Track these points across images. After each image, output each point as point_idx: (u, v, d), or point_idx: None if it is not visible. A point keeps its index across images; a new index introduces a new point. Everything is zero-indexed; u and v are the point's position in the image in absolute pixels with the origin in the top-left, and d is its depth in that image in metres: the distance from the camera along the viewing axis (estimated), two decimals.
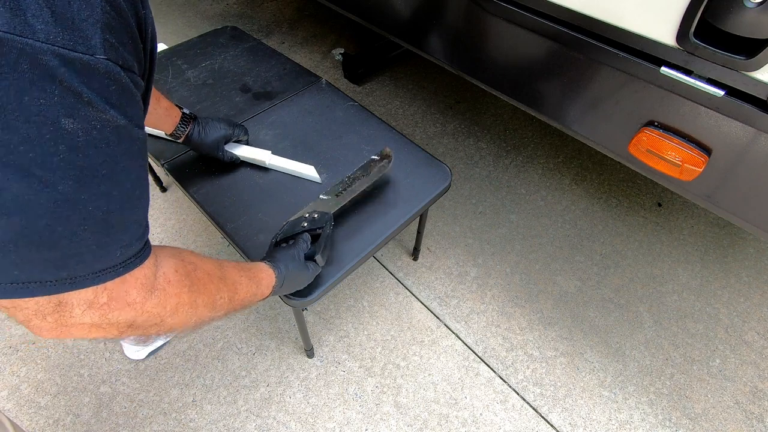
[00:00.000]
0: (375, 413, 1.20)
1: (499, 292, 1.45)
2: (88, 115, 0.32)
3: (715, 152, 0.74)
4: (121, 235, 0.40)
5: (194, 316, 0.53)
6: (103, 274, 0.40)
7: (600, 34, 0.77)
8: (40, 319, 0.39)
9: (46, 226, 0.33)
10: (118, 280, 0.41)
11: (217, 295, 0.57)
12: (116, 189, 0.37)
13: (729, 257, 1.55)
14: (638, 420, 1.21)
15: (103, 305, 0.41)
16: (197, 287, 0.53)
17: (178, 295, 0.50)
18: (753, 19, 0.59)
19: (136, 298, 0.44)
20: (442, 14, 1.04)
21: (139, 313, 0.45)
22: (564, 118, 0.94)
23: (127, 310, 0.43)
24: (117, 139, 0.35)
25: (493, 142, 1.88)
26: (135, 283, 0.43)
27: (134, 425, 1.18)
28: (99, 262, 0.39)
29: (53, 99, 0.30)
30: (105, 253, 0.39)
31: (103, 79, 0.33)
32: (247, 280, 0.66)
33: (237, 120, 1.21)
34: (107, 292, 0.41)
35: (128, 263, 0.42)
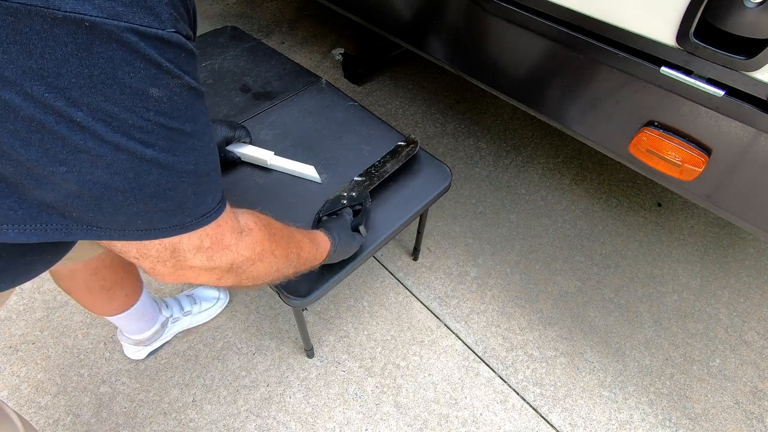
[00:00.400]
0: (375, 413, 1.20)
1: (499, 292, 1.45)
2: (169, 82, 0.37)
3: (715, 152, 0.74)
4: (210, 183, 0.45)
5: (275, 265, 0.60)
6: (204, 219, 0.46)
7: (600, 34, 0.77)
8: (161, 264, 0.46)
9: (154, 180, 0.39)
10: (214, 224, 0.47)
11: (289, 249, 0.63)
12: (200, 142, 0.42)
13: (729, 257, 1.55)
14: (638, 420, 1.21)
15: (207, 248, 0.48)
16: (275, 238, 0.59)
17: (262, 241, 0.56)
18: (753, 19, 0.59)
19: (231, 241, 0.51)
20: (442, 14, 1.04)
21: (235, 254, 0.51)
22: (564, 118, 0.94)
23: (226, 252, 0.50)
24: (193, 100, 0.40)
25: (493, 142, 1.88)
26: (227, 227, 0.50)
27: (134, 425, 1.18)
28: (199, 207, 0.45)
29: (140, 72, 0.34)
30: (202, 200, 0.45)
31: (175, 49, 0.37)
32: (309, 242, 0.71)
33: (237, 120, 1.21)
34: (209, 237, 0.48)
35: (218, 208, 0.48)
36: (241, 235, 0.53)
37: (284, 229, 0.65)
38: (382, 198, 1.06)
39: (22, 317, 1.36)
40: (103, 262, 0.96)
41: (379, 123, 1.22)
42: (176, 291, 1.42)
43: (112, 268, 0.98)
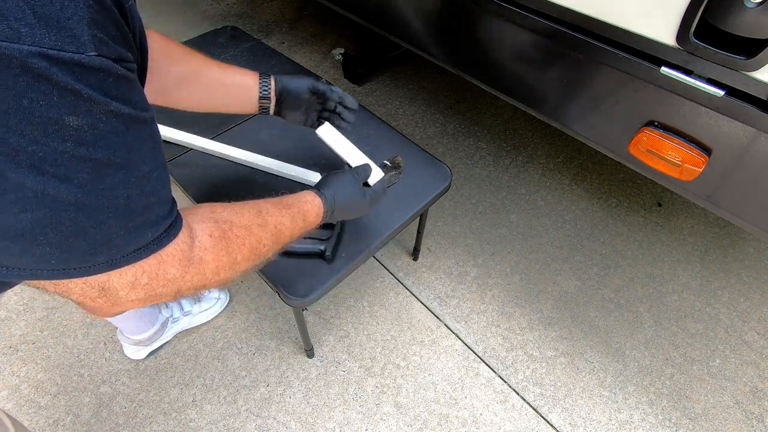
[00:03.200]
0: (375, 413, 1.20)
1: (499, 292, 1.45)
2: (91, 109, 0.33)
3: (715, 152, 0.74)
4: (147, 215, 0.41)
5: (237, 271, 0.55)
6: (136, 254, 0.41)
7: (600, 34, 0.77)
8: (91, 301, 0.42)
9: (71, 218, 0.35)
10: (154, 260, 0.43)
11: (258, 245, 0.58)
12: (133, 174, 0.38)
13: (729, 257, 1.55)
14: (638, 420, 1.21)
15: (145, 285, 0.43)
16: (235, 246, 0.54)
17: (216, 259, 0.51)
18: (753, 19, 0.59)
19: (176, 274, 0.46)
20: (442, 14, 1.04)
21: (181, 284, 0.47)
22: (564, 118, 0.94)
23: (169, 285, 0.46)
24: (125, 127, 0.36)
25: (493, 142, 1.88)
26: (172, 261, 0.45)
27: (134, 425, 1.18)
28: (131, 243, 0.40)
29: (53, 99, 0.31)
30: (135, 235, 0.40)
31: (99, 74, 0.33)
32: (290, 219, 0.65)
33: (237, 120, 1.21)
34: (146, 273, 0.43)
35: (160, 240, 0.43)
36: (189, 265, 0.47)
37: (253, 221, 0.59)
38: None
39: (22, 317, 1.36)
40: None
41: (379, 123, 1.22)
42: None
43: None
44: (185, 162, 1.11)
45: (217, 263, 0.51)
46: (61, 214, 0.35)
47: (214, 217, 0.54)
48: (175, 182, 1.08)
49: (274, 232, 0.62)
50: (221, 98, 0.84)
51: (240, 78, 0.83)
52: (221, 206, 0.57)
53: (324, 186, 0.75)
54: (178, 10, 2.56)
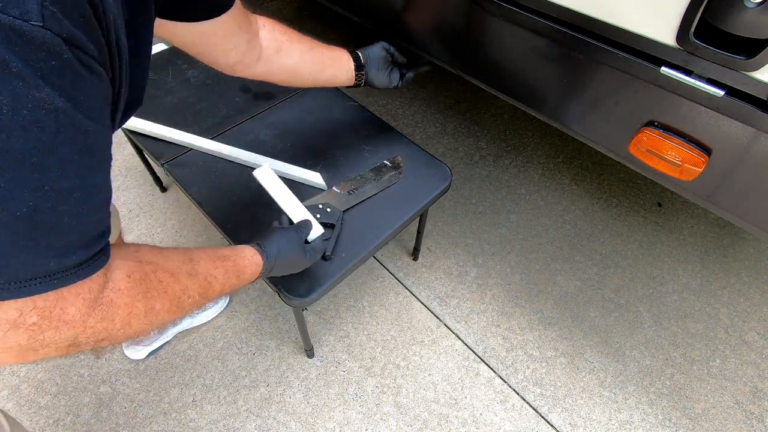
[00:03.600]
0: (375, 413, 1.20)
1: (499, 292, 1.45)
2: (17, 90, 0.28)
3: (715, 152, 0.74)
4: (54, 240, 0.33)
5: (153, 322, 0.47)
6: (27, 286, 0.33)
7: (600, 34, 0.76)
8: None
9: None
10: (52, 296, 0.35)
11: (183, 295, 0.51)
12: (48, 184, 0.31)
13: (729, 257, 1.55)
14: (638, 420, 1.21)
15: (31, 325, 0.34)
16: (155, 292, 0.47)
17: (130, 305, 0.43)
18: (753, 19, 0.59)
19: (75, 316, 0.37)
20: (442, 14, 1.04)
21: (80, 331, 0.38)
22: (564, 118, 0.94)
23: (64, 329, 0.37)
24: (54, 125, 0.30)
25: (493, 142, 1.88)
26: (74, 299, 0.37)
27: (134, 425, 1.18)
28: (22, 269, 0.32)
29: None
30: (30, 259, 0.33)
31: (39, 51, 0.28)
32: (223, 272, 0.60)
33: (237, 120, 1.21)
34: (36, 311, 0.34)
35: (66, 275, 0.35)
36: (95, 307, 0.39)
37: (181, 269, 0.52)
38: (382, 198, 1.06)
39: None
40: None
41: (379, 123, 1.22)
42: None
43: None
44: (185, 162, 1.11)
45: (130, 309, 0.43)
46: None
47: (138, 256, 0.47)
48: (176, 182, 1.08)
49: (202, 283, 0.55)
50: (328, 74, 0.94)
51: (339, 54, 0.95)
52: (149, 247, 0.51)
53: (266, 243, 0.72)
54: None
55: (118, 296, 0.42)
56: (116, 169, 1.76)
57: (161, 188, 1.67)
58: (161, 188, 1.67)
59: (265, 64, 0.83)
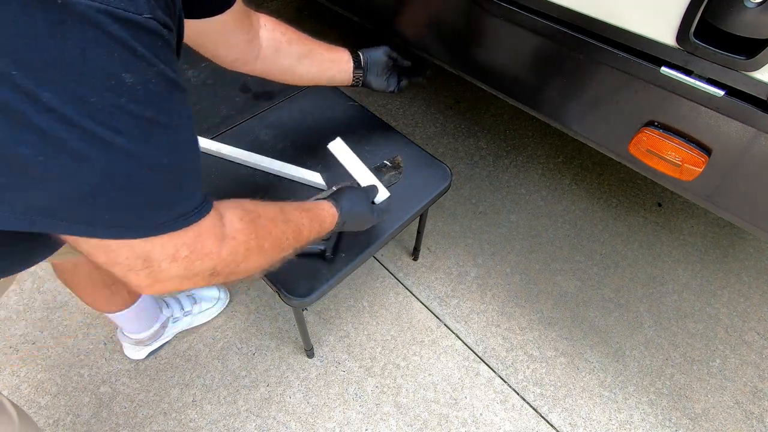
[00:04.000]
0: (375, 413, 1.20)
1: (499, 292, 1.45)
2: (143, 69, 0.35)
3: (715, 152, 0.74)
4: (186, 182, 0.43)
5: (265, 258, 0.58)
6: (178, 222, 0.43)
7: (600, 34, 0.76)
8: (134, 274, 0.44)
9: (121, 172, 0.37)
10: (193, 232, 0.45)
11: (282, 237, 0.62)
12: (177, 138, 0.40)
13: (729, 257, 1.55)
14: (638, 420, 1.21)
15: (185, 257, 0.45)
16: (263, 233, 0.57)
17: (247, 242, 0.53)
18: (753, 19, 0.59)
19: (212, 248, 0.48)
20: (442, 14, 1.04)
21: (216, 261, 0.49)
22: (564, 118, 0.94)
23: (206, 260, 0.48)
24: (170, 91, 0.38)
25: (493, 142, 1.88)
26: (208, 235, 0.47)
27: (134, 425, 1.18)
28: (172, 208, 0.42)
29: (113, 55, 0.33)
30: (176, 200, 0.42)
31: (151, 36, 0.35)
32: (309, 221, 0.70)
33: (237, 120, 1.21)
34: (186, 246, 0.45)
35: (197, 211, 0.45)
36: (224, 241, 0.50)
37: (278, 217, 0.63)
38: None
39: (22, 317, 1.36)
40: None
41: (379, 123, 1.22)
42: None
43: None
44: None
45: (247, 246, 0.53)
46: (115, 166, 0.36)
47: (242, 206, 0.57)
48: None
49: (295, 229, 0.65)
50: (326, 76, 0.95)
51: (339, 55, 0.96)
52: (247, 200, 0.60)
53: (340, 198, 0.81)
54: None
55: (237, 234, 0.52)
56: None
57: None
58: None
59: (263, 63, 0.85)
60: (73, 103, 0.32)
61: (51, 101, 0.32)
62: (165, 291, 0.48)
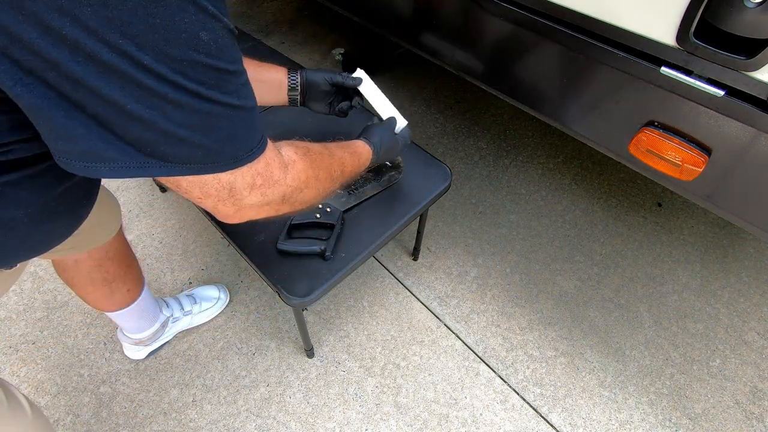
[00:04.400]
0: (375, 413, 1.20)
1: (499, 292, 1.45)
2: (214, 26, 0.40)
3: (715, 152, 0.74)
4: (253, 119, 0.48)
5: (321, 187, 0.65)
6: (252, 153, 0.49)
7: (600, 34, 0.77)
8: (222, 203, 0.50)
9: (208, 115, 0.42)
10: (262, 162, 0.51)
11: (332, 168, 0.69)
12: (241, 80, 0.45)
13: (729, 257, 1.55)
14: (638, 420, 1.21)
15: (260, 185, 0.52)
16: (316, 163, 0.64)
17: (305, 170, 0.60)
18: (753, 19, 0.59)
19: (279, 176, 0.54)
20: (442, 14, 1.04)
21: (284, 187, 0.56)
22: (564, 118, 0.94)
23: (276, 187, 0.54)
24: (232, 42, 0.43)
25: (493, 142, 1.88)
26: (275, 164, 0.54)
27: (134, 425, 1.18)
28: (248, 141, 0.48)
29: (192, 17, 0.38)
30: (249, 134, 0.48)
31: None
32: (349, 155, 0.77)
33: None
34: (260, 175, 0.51)
35: (261, 144, 0.51)
36: (287, 168, 0.56)
37: (324, 152, 0.69)
38: (382, 198, 1.06)
39: (22, 317, 1.36)
40: (107, 253, 0.96)
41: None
42: (176, 291, 1.42)
43: (115, 260, 0.99)
44: None
45: (306, 173, 0.60)
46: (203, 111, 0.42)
47: (294, 143, 0.63)
48: None
49: (339, 162, 0.72)
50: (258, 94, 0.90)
51: (273, 74, 0.95)
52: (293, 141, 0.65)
53: (370, 135, 0.89)
54: None
55: (296, 163, 0.59)
56: None
57: (161, 188, 1.67)
58: (161, 188, 1.67)
59: None
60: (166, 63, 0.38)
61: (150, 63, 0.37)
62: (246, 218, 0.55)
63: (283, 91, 0.97)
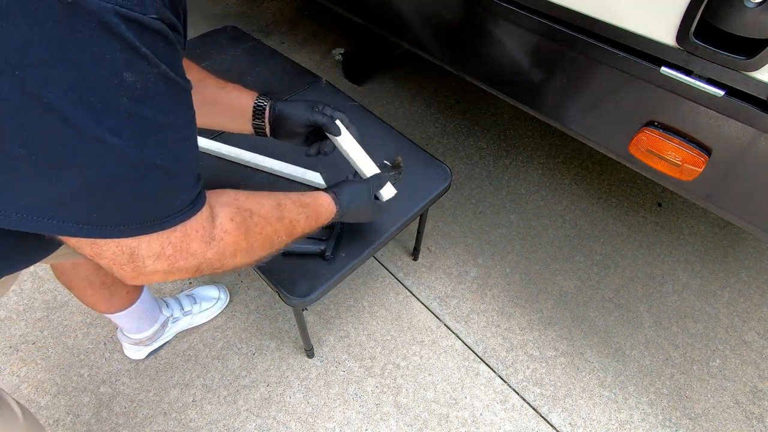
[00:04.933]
0: (375, 413, 1.20)
1: (499, 292, 1.45)
2: (144, 68, 0.35)
3: (715, 152, 0.74)
4: (179, 182, 0.43)
5: (252, 257, 0.58)
6: (167, 221, 0.43)
7: (600, 34, 0.77)
8: (119, 267, 0.44)
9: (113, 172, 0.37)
10: (180, 232, 0.45)
11: (274, 236, 0.61)
12: (174, 137, 0.40)
13: (729, 257, 1.55)
14: (638, 420, 1.21)
15: (169, 256, 0.45)
16: (253, 233, 0.57)
17: (236, 242, 0.53)
18: (753, 19, 0.59)
19: (198, 249, 0.48)
20: (442, 14, 1.04)
21: (201, 260, 0.49)
22: (564, 118, 0.94)
23: (191, 259, 0.48)
24: (170, 91, 0.38)
25: (493, 142, 1.88)
26: (195, 235, 0.47)
27: (134, 425, 1.18)
28: (162, 208, 0.42)
29: (116, 54, 0.33)
30: (167, 200, 0.42)
31: (155, 35, 0.36)
32: (305, 217, 0.69)
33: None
34: (171, 245, 0.45)
35: (187, 210, 0.45)
36: (212, 242, 0.49)
37: (272, 215, 0.61)
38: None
39: (22, 317, 1.36)
40: None
41: (379, 123, 1.22)
42: (176, 291, 1.42)
43: None
44: None
45: (235, 246, 0.53)
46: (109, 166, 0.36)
47: (236, 203, 0.56)
48: None
49: (288, 226, 0.65)
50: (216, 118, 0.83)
51: (237, 97, 0.81)
52: (244, 194, 0.59)
53: (341, 192, 0.78)
54: None
55: (226, 235, 0.52)
56: None
57: None
58: None
59: None
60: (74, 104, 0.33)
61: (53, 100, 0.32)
62: (148, 283, 0.49)
63: (246, 117, 0.82)
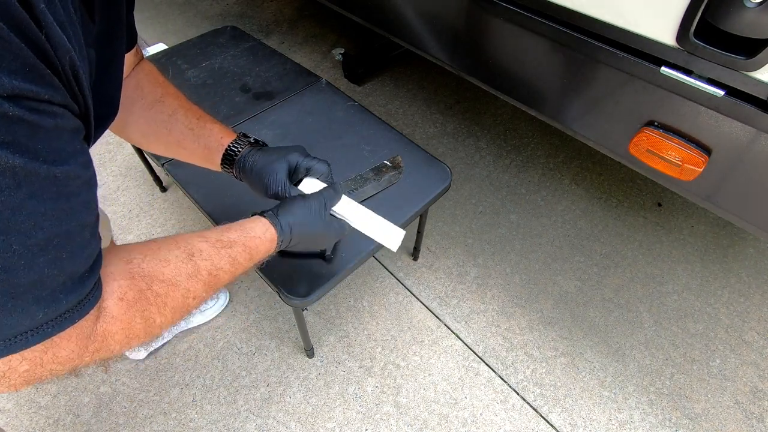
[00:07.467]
0: (375, 413, 1.20)
1: (499, 292, 1.45)
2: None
3: (715, 152, 0.74)
4: (38, 292, 0.33)
5: (155, 334, 0.47)
6: (17, 341, 0.33)
7: (600, 34, 0.77)
8: None
9: None
10: (40, 347, 0.35)
11: (186, 299, 0.50)
12: (19, 242, 0.30)
13: (729, 257, 1.55)
14: (638, 420, 1.21)
15: (24, 372, 0.35)
16: (154, 307, 0.45)
17: (127, 328, 0.43)
18: (753, 19, 0.59)
19: (70, 355, 0.38)
20: (443, 14, 1.04)
21: (77, 364, 0.39)
22: (564, 118, 0.94)
23: (59, 368, 0.37)
24: (13, 183, 0.29)
25: (493, 142, 1.88)
26: (66, 344, 0.37)
27: (134, 425, 1.18)
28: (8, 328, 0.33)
29: None
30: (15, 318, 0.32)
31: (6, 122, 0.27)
32: (230, 261, 0.55)
33: (237, 120, 1.21)
34: (26, 361, 0.35)
35: (58, 321, 0.35)
36: (91, 343, 0.39)
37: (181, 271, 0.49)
38: (382, 198, 1.06)
39: None
40: None
41: (379, 123, 1.22)
42: None
43: None
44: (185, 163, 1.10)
45: (127, 332, 0.43)
46: None
47: (130, 270, 0.45)
48: (176, 182, 1.08)
49: (207, 279, 0.52)
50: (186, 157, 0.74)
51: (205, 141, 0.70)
52: (142, 254, 0.47)
53: (282, 213, 0.63)
54: (178, 10, 2.56)
55: (112, 324, 0.41)
56: (116, 169, 1.76)
57: (161, 188, 1.67)
58: (161, 188, 1.67)
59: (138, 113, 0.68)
60: None
61: None
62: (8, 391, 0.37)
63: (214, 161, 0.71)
